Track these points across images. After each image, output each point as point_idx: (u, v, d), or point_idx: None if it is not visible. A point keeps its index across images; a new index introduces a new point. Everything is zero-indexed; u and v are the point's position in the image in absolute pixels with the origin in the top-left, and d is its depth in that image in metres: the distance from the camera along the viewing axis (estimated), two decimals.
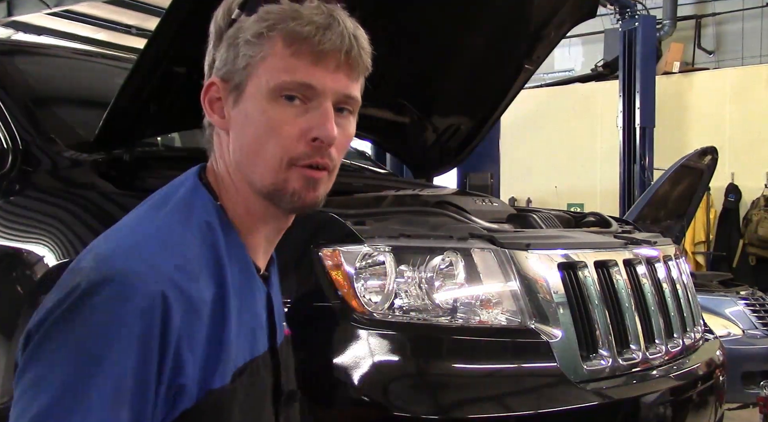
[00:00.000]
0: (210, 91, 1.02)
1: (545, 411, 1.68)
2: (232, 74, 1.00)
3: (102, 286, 0.87)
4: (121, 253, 0.90)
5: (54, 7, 9.81)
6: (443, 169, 3.46)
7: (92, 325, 0.86)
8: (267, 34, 0.97)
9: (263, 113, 0.98)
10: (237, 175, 1.02)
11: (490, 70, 3.09)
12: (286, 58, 0.97)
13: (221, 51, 1.01)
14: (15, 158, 2.23)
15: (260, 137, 0.98)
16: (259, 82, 0.98)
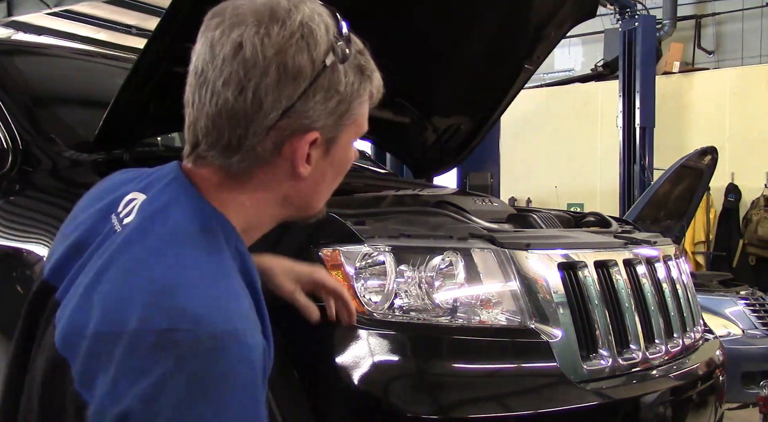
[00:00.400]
0: (315, 144, 0.99)
1: (545, 411, 1.69)
2: (331, 128, 0.99)
3: (224, 352, 0.84)
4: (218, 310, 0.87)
5: (54, 7, 9.81)
6: (443, 169, 3.47)
7: (238, 396, 0.84)
8: (369, 94, 1.03)
9: (348, 160, 1.05)
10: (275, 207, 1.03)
11: (490, 70, 3.09)
12: (366, 111, 1.04)
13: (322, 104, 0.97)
14: (15, 158, 2.23)
15: (338, 178, 1.06)
16: (351, 134, 1.02)
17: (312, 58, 0.95)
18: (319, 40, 0.96)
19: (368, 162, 3.63)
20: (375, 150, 4.93)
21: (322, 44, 0.96)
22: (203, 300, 0.86)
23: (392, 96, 3.26)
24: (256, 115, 0.94)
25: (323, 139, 0.99)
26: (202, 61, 0.96)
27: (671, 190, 4.78)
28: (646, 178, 7.96)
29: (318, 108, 0.96)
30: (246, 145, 0.95)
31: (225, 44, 0.94)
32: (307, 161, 0.99)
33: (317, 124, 0.97)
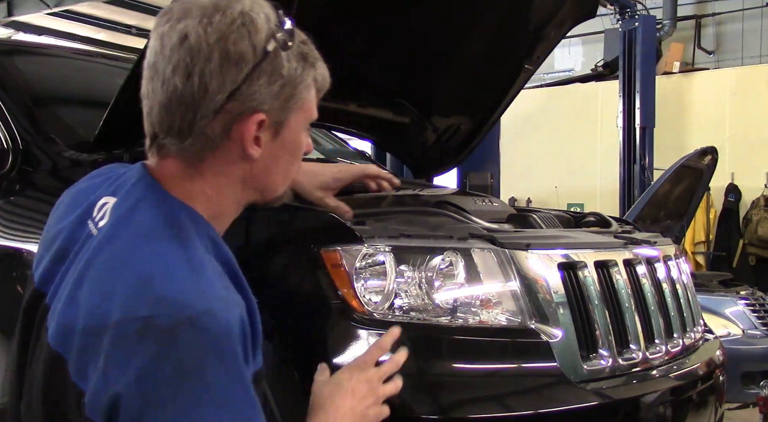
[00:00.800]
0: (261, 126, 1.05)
1: (545, 411, 1.69)
2: (278, 111, 1.06)
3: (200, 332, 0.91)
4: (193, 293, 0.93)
5: (54, 7, 9.80)
6: (443, 169, 3.46)
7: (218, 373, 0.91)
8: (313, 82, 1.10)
9: (300, 145, 1.13)
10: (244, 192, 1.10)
11: (490, 70, 3.09)
12: (312, 99, 1.12)
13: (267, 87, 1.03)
14: (15, 158, 2.23)
15: (291, 162, 1.13)
16: (300, 119, 1.10)
17: (253, 44, 1.01)
18: (259, 28, 1.02)
19: (368, 162, 3.63)
20: (375, 150, 4.93)
21: (262, 31, 1.02)
22: (179, 287, 0.93)
23: (392, 96, 3.28)
24: (202, 99, 1.01)
25: (271, 122, 1.06)
26: (153, 53, 1.03)
27: (671, 190, 4.79)
28: (646, 178, 7.96)
29: (263, 91, 1.03)
30: (196, 128, 1.02)
31: (172, 35, 1.01)
32: (256, 143, 1.06)
33: (263, 107, 1.04)
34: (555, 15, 2.93)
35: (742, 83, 9.19)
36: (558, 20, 2.95)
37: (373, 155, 4.65)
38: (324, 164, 1.60)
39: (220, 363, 0.91)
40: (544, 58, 3.11)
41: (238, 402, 0.92)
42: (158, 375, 0.89)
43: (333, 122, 3.21)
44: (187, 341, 0.90)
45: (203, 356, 0.90)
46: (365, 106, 3.03)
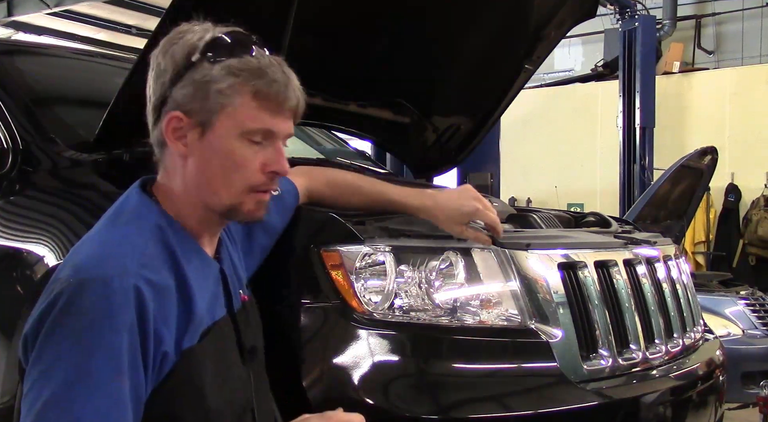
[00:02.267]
0: (173, 122, 1.21)
1: (545, 411, 1.68)
2: (199, 113, 1.20)
3: (85, 291, 1.07)
4: (95, 262, 1.11)
5: (54, 7, 9.81)
6: (443, 169, 3.46)
7: (84, 323, 1.06)
8: (240, 88, 1.19)
9: (232, 151, 1.21)
10: (193, 192, 1.23)
11: (490, 70, 3.09)
12: (254, 109, 1.20)
13: (184, 89, 1.20)
14: (15, 158, 2.23)
15: (228, 169, 1.21)
16: (229, 125, 1.20)
17: (174, 56, 1.20)
18: (187, 43, 1.20)
19: (368, 162, 3.63)
20: (375, 150, 4.93)
21: (188, 47, 1.20)
22: (87, 255, 1.13)
23: (392, 96, 3.28)
24: (150, 102, 1.24)
25: (193, 121, 1.20)
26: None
27: (671, 190, 4.79)
28: (646, 178, 7.96)
29: (182, 93, 1.19)
30: (150, 127, 1.24)
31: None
32: (180, 140, 1.21)
33: (183, 108, 1.20)
34: (555, 15, 2.93)
35: (742, 83, 9.19)
36: (558, 20, 2.95)
37: (373, 155, 4.65)
38: (449, 196, 1.73)
39: (95, 324, 1.06)
40: (544, 58, 3.11)
41: (90, 359, 1.05)
42: (47, 321, 1.07)
43: (333, 122, 3.21)
44: (70, 298, 1.07)
45: (80, 314, 1.06)
46: (365, 106, 3.03)
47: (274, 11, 2.10)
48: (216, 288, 1.27)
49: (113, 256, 1.12)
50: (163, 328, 1.12)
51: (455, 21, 2.76)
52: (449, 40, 2.86)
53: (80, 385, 1.04)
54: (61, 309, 1.07)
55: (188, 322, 1.16)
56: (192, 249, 1.24)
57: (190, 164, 1.23)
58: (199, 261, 1.24)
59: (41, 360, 1.06)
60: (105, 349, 1.05)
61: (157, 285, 1.13)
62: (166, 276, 1.15)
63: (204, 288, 1.23)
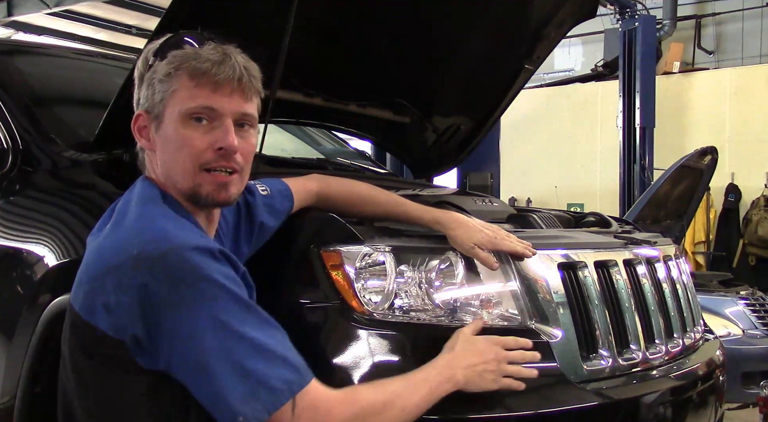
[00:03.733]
0: (138, 121, 1.35)
1: (545, 411, 1.68)
2: (152, 107, 1.31)
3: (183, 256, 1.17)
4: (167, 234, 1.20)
5: (54, 7, 9.81)
6: (443, 169, 3.46)
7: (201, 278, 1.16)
8: (174, 73, 1.27)
9: (178, 133, 1.29)
10: (167, 183, 1.32)
11: (490, 70, 3.09)
12: (191, 88, 1.27)
13: (143, 90, 1.33)
14: (15, 158, 2.23)
15: (177, 151, 1.29)
16: (173, 110, 1.28)
17: (140, 64, 1.36)
18: (149, 50, 1.35)
19: (368, 162, 3.63)
20: (375, 150, 4.93)
21: (148, 52, 1.35)
22: (157, 230, 1.21)
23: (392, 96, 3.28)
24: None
25: (149, 117, 1.33)
26: None
27: (671, 190, 4.79)
28: (646, 178, 7.97)
29: (143, 94, 1.34)
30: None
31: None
32: (142, 134, 1.35)
33: (144, 106, 1.33)
34: (555, 15, 2.93)
35: (742, 83, 9.19)
36: (558, 20, 2.95)
37: (373, 155, 4.65)
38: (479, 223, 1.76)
39: (204, 279, 1.16)
40: (544, 58, 3.11)
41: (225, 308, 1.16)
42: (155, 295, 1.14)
43: (333, 122, 3.21)
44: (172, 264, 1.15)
45: (189, 272, 1.15)
46: (365, 106, 3.03)
47: (274, 11, 2.10)
48: None
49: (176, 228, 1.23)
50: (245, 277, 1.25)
51: (455, 21, 2.76)
52: (449, 40, 2.86)
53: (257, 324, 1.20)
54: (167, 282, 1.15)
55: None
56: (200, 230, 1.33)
57: (157, 157, 1.33)
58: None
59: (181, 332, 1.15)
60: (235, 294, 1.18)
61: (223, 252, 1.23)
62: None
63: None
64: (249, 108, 1.33)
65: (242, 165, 1.33)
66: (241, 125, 1.32)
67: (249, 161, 1.36)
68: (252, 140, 1.36)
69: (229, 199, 1.33)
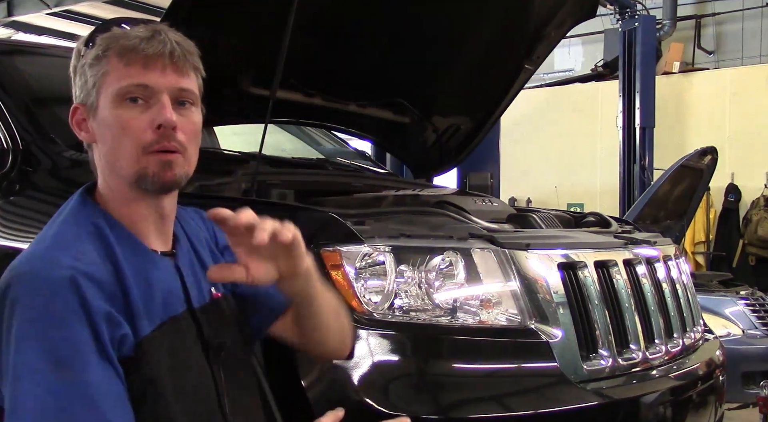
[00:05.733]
0: (75, 114, 1.26)
1: (545, 411, 1.69)
2: (87, 96, 1.23)
3: (17, 288, 1.11)
4: (26, 260, 1.15)
5: (54, 7, 9.80)
6: (443, 169, 3.46)
7: (27, 318, 1.09)
8: (103, 55, 1.21)
9: (115, 116, 1.21)
10: (111, 176, 1.24)
11: (490, 70, 3.09)
12: (121, 68, 1.20)
13: (76, 81, 1.25)
14: (15, 158, 2.23)
15: (117, 135, 1.21)
16: (106, 94, 1.21)
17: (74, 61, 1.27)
18: (78, 48, 1.27)
19: (368, 162, 3.63)
20: (375, 150, 4.92)
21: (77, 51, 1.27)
22: (24, 255, 1.17)
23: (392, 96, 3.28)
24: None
25: (85, 108, 1.24)
26: None
27: (671, 190, 4.78)
28: (646, 178, 7.96)
29: (77, 86, 1.26)
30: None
31: None
32: (81, 128, 1.26)
33: (79, 99, 1.25)
34: (555, 15, 2.93)
35: (742, 83, 9.18)
36: (558, 20, 2.95)
37: (373, 155, 4.65)
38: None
39: (33, 317, 1.09)
40: (544, 58, 3.11)
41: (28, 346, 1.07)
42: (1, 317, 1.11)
43: (333, 122, 3.21)
44: (12, 294, 1.11)
45: (16, 305, 1.10)
46: (365, 106, 3.03)
47: (274, 11, 2.10)
48: (174, 284, 1.25)
49: (45, 252, 1.15)
50: (116, 313, 1.13)
51: (455, 21, 2.76)
52: (449, 40, 2.86)
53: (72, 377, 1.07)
54: (7, 313, 1.10)
55: (131, 316, 1.16)
56: (132, 245, 1.23)
57: (98, 149, 1.25)
58: (142, 257, 1.22)
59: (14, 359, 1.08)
60: (65, 337, 1.07)
61: (93, 275, 1.13)
62: (102, 270, 1.15)
63: (150, 283, 1.21)
64: (186, 83, 1.23)
65: (185, 145, 1.23)
66: (181, 103, 1.23)
67: (193, 141, 1.25)
68: (194, 118, 1.26)
69: (174, 179, 1.23)
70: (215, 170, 2.23)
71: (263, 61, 2.22)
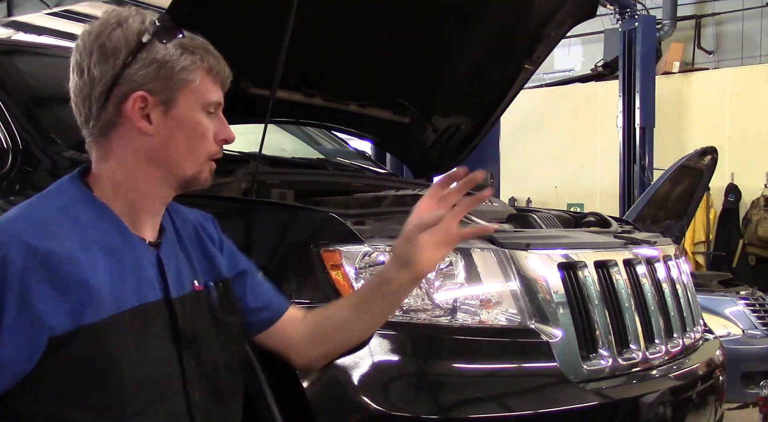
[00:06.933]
0: (138, 102, 1.25)
1: (545, 411, 1.69)
2: (162, 90, 1.25)
3: None
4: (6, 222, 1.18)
5: (54, 7, 9.80)
6: (443, 169, 3.46)
7: None
8: (199, 65, 1.27)
9: (198, 123, 1.29)
10: (149, 168, 1.27)
11: (490, 70, 3.09)
12: (209, 83, 1.29)
13: (142, 70, 1.24)
14: (15, 158, 2.23)
15: (193, 140, 1.29)
16: (191, 99, 1.27)
17: (126, 38, 1.23)
18: (132, 25, 1.24)
19: (368, 162, 3.63)
20: (375, 150, 4.92)
21: (134, 27, 1.24)
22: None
23: (392, 96, 3.27)
24: (93, 87, 1.24)
25: (156, 100, 1.25)
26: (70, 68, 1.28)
27: (671, 190, 4.78)
28: (646, 178, 7.97)
29: (140, 73, 1.24)
30: (94, 113, 1.25)
31: (73, 49, 1.28)
32: (147, 119, 1.26)
33: (144, 87, 1.24)
34: (555, 15, 2.93)
35: (742, 83, 9.18)
36: (558, 20, 2.95)
37: (373, 155, 4.65)
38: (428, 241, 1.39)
39: None
40: (544, 58, 3.11)
41: None
42: None
43: (333, 122, 3.21)
44: None
45: None
46: (365, 106, 3.03)
47: (274, 11, 2.10)
48: (150, 271, 1.28)
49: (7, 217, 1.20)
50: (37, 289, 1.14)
51: (455, 21, 2.76)
52: (449, 40, 2.86)
53: None
54: None
55: (87, 293, 1.17)
56: (116, 230, 1.26)
57: (153, 141, 1.27)
58: (122, 242, 1.25)
59: None
60: None
61: (40, 251, 1.15)
62: (58, 244, 1.17)
63: (123, 268, 1.23)
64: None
65: None
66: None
67: None
68: None
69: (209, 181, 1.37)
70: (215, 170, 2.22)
71: (263, 61, 2.22)
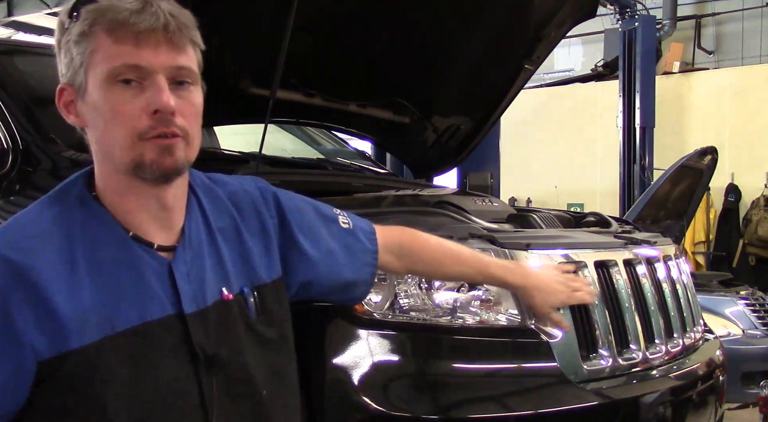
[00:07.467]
0: (62, 95, 1.15)
1: (545, 411, 1.69)
2: (74, 76, 1.12)
3: None
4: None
5: (54, 7, 9.80)
6: (443, 169, 3.46)
7: None
8: (89, 30, 1.08)
9: (105, 100, 1.08)
10: (104, 162, 1.14)
11: (490, 70, 3.09)
12: (110, 46, 1.07)
13: (61, 58, 1.14)
14: (15, 158, 2.23)
15: (109, 121, 1.09)
16: (95, 75, 1.09)
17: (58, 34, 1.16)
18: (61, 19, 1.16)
19: (368, 162, 3.63)
20: (375, 150, 4.93)
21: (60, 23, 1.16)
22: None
23: (392, 96, 3.28)
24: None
25: (72, 89, 1.13)
26: None
27: (671, 190, 4.78)
28: (646, 178, 7.96)
29: (62, 64, 1.15)
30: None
31: None
32: (70, 111, 1.15)
33: (66, 78, 1.14)
34: (555, 15, 2.93)
35: (742, 83, 9.18)
36: (558, 20, 2.95)
37: (373, 155, 4.65)
38: (553, 279, 1.70)
39: None
40: (544, 58, 3.11)
41: None
42: None
43: (333, 122, 3.21)
44: None
45: None
46: (365, 106, 3.03)
47: (274, 11, 2.10)
48: (156, 284, 1.11)
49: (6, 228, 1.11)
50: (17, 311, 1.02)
51: (455, 21, 2.76)
52: (449, 40, 2.86)
53: None
54: None
55: (71, 317, 1.03)
56: (113, 238, 1.11)
57: (91, 134, 1.14)
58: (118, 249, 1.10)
59: None
60: None
61: (18, 266, 1.03)
62: (36, 260, 1.05)
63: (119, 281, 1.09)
64: (183, 60, 1.09)
65: (186, 129, 1.10)
66: (179, 83, 1.10)
67: (194, 124, 1.12)
68: (194, 99, 1.12)
69: (175, 165, 1.10)
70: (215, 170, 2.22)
71: (263, 61, 2.22)
